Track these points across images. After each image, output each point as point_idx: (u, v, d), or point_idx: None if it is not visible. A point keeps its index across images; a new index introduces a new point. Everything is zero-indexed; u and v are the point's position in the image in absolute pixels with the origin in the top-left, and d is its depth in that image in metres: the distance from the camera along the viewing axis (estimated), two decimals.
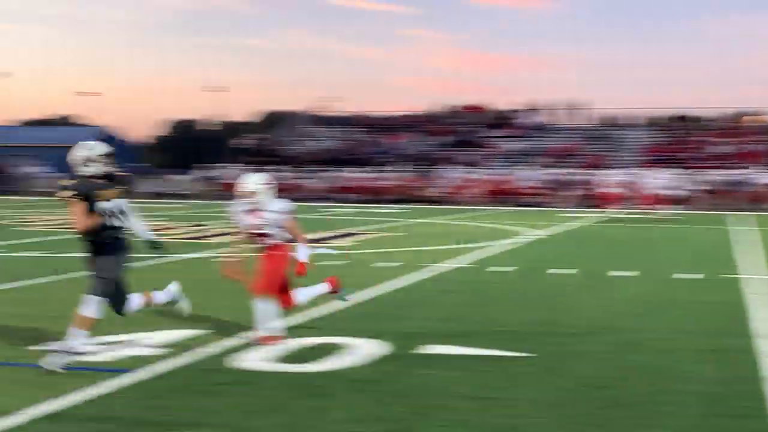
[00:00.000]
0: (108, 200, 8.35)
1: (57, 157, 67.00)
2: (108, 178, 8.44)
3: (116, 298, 8.60)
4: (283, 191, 46.58)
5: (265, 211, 9.43)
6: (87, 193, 8.16)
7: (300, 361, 8.40)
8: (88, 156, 8.40)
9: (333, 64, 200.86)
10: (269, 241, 9.49)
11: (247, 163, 61.10)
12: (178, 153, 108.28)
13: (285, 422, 6.39)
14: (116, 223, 8.44)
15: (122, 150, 77.71)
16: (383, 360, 8.58)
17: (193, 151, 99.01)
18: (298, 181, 56.27)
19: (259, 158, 65.77)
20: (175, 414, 6.60)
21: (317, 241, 23.18)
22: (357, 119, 75.59)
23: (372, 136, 71.41)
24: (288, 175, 56.75)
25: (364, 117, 76.34)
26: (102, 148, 8.56)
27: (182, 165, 74.67)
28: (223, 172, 59.45)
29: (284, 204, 9.56)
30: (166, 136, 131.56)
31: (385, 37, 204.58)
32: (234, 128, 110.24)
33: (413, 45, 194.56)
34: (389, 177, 56.27)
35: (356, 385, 7.55)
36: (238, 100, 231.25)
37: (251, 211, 9.47)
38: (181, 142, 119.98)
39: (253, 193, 9.45)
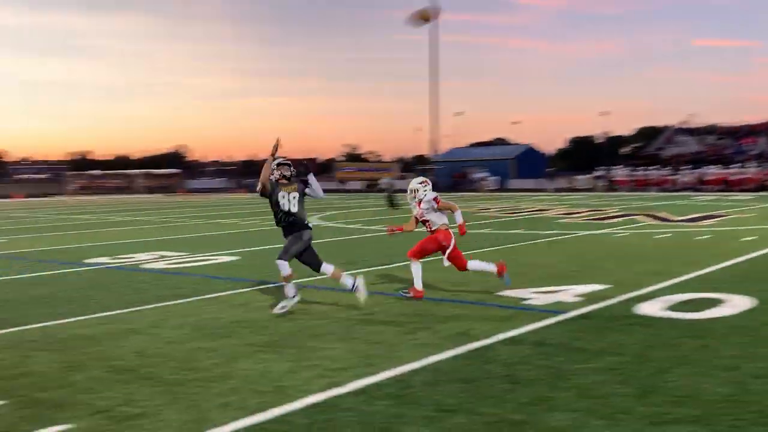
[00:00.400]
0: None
1: (495, 166, 70.38)
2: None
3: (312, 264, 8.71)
4: (657, 185, 44.17)
5: (423, 201, 9.30)
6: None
7: (686, 310, 8.07)
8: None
9: (697, 88, 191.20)
10: (430, 226, 9.35)
11: (631, 165, 60.89)
12: (577, 160, 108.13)
13: (678, 355, 6.21)
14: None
15: (540, 160, 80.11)
16: (754, 311, 8.00)
17: (587, 158, 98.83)
18: (671, 177, 54.33)
19: (639, 161, 64.54)
20: (593, 343, 6.67)
21: (692, 221, 21.82)
22: (718, 128, 71.34)
23: (730, 141, 66.59)
24: (664, 173, 55.32)
25: (723, 126, 71.90)
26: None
27: (581, 168, 75.06)
28: (611, 172, 59.05)
29: (432, 194, 9.30)
30: (567, 148, 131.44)
31: (741, 66, 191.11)
32: (618, 140, 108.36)
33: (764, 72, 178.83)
34: (746, 172, 51.53)
35: (734, 329, 7.12)
36: (620, 120, 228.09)
37: (417, 203, 9.39)
38: (579, 152, 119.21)
39: (415, 191, 9.39)
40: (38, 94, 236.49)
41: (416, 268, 9.31)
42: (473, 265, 9.49)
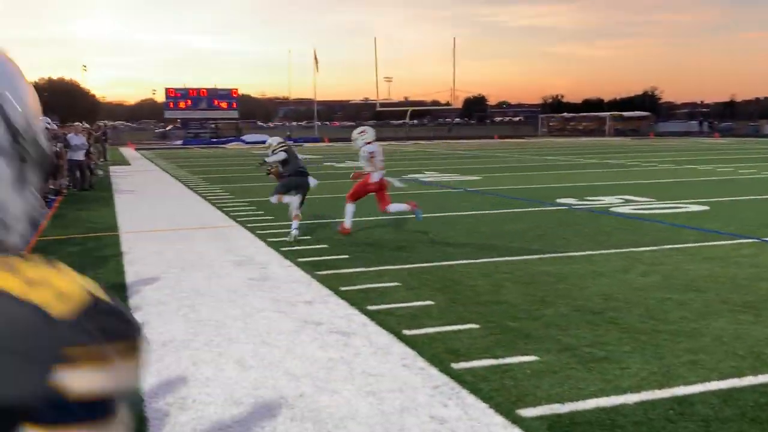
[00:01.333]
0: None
1: None
2: None
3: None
4: None
5: (360, 150, 10.62)
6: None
7: None
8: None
9: None
10: (363, 170, 10.60)
11: None
12: None
13: None
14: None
15: None
16: None
17: None
18: None
19: None
20: None
21: None
22: None
23: None
24: None
25: None
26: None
27: None
28: None
29: (367, 147, 10.46)
30: None
31: None
32: None
33: None
34: None
35: None
36: None
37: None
38: None
39: (354, 140, 10.77)
40: (515, 42, 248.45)
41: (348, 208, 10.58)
42: (393, 207, 10.38)
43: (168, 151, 44.64)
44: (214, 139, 57.53)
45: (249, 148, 47.60)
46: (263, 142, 19.30)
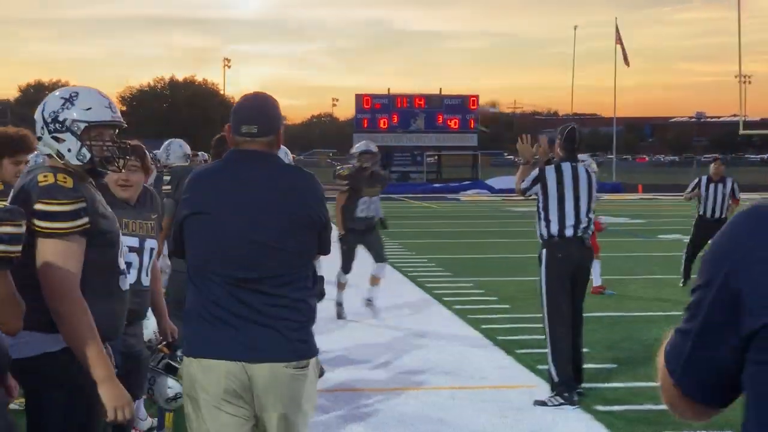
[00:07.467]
0: None
1: None
2: None
3: None
4: None
5: None
6: None
7: None
8: None
9: None
10: None
11: None
12: None
13: None
14: None
15: None
16: None
17: None
18: None
19: None
20: None
21: None
22: None
23: None
24: None
25: None
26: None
27: None
28: None
29: None
30: None
31: None
32: None
33: None
34: None
35: None
36: None
37: None
38: None
39: None
40: None
41: None
42: None
43: None
44: (437, 184, 36.60)
45: (501, 200, 28.25)
46: None
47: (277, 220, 2.61)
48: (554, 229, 5.17)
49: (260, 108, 2.72)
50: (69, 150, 2.60)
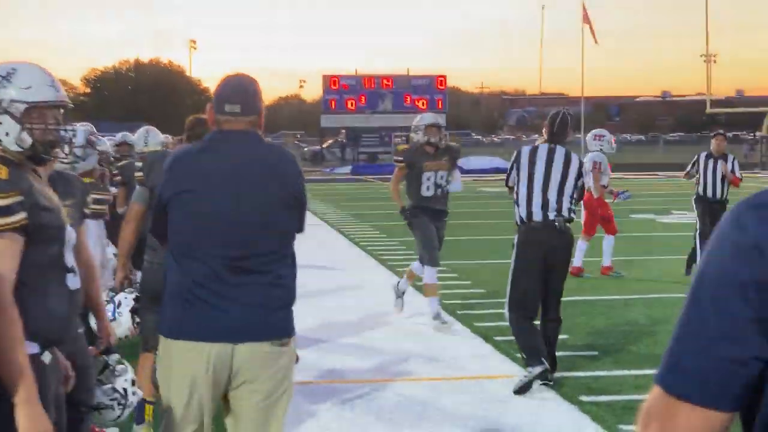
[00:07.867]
0: None
1: None
2: None
3: None
4: None
5: None
6: None
7: None
8: None
9: None
10: None
11: None
12: None
13: None
14: None
15: None
16: None
17: None
18: None
19: None
20: None
21: None
22: None
23: None
24: None
25: None
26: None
27: None
28: None
29: None
30: None
31: None
32: None
33: None
34: None
35: None
36: None
37: None
38: None
39: None
40: None
41: None
42: None
43: (327, 186, 25.80)
44: None
45: (473, 180, 25.74)
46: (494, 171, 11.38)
47: (266, 198, 2.64)
48: (523, 212, 5.06)
49: (243, 88, 2.73)
50: (7, 134, 2.28)
